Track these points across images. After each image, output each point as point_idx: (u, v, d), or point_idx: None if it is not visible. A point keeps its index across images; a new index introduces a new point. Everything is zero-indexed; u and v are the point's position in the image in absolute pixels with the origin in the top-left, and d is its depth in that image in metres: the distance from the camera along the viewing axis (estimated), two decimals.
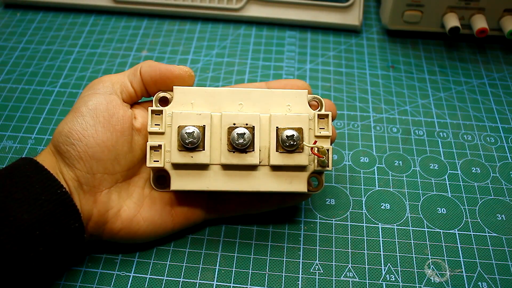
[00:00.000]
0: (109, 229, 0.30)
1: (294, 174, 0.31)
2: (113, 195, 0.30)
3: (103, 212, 0.30)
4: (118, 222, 0.30)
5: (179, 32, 0.53)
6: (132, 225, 0.31)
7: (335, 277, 0.33)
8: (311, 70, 0.49)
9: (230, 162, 0.30)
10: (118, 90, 0.31)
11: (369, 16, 0.55)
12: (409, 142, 0.42)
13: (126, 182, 0.31)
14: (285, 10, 0.53)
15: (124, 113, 0.31)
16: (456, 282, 0.33)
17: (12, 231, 0.26)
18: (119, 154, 0.30)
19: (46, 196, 0.27)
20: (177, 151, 0.30)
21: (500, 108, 0.45)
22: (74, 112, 0.30)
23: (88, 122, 0.29)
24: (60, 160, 0.29)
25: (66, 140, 0.29)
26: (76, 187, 0.29)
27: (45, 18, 0.54)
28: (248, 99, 0.31)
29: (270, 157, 0.30)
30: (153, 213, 0.32)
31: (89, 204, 0.29)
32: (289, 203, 0.35)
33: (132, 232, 0.31)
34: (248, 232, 0.35)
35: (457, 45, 0.52)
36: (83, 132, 0.29)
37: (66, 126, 0.30)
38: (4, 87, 0.46)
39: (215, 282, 0.32)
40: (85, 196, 0.29)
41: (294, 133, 0.30)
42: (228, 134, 0.30)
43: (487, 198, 0.38)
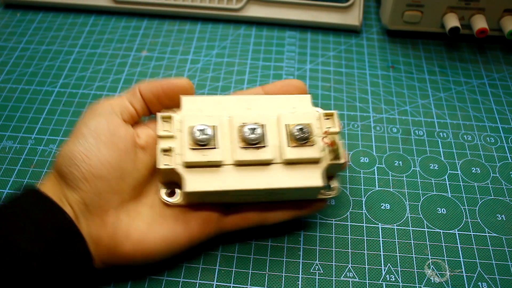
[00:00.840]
0: (121, 252, 0.29)
1: (308, 169, 0.30)
2: (122, 215, 0.29)
3: (112, 233, 0.29)
4: (129, 243, 0.29)
5: (179, 32, 0.53)
6: (145, 244, 0.29)
7: (335, 277, 0.33)
8: (311, 70, 0.49)
9: (244, 158, 0.30)
10: (118, 111, 0.31)
11: (369, 16, 0.55)
12: (409, 142, 0.42)
13: (134, 202, 0.30)
14: (285, 10, 0.53)
15: (126, 131, 0.30)
16: (456, 282, 0.33)
17: (14, 261, 0.25)
18: (124, 173, 0.29)
19: (48, 223, 0.26)
20: (189, 150, 0.29)
21: (500, 108, 0.45)
22: (75, 134, 0.30)
23: (90, 143, 0.29)
24: (63, 184, 0.29)
25: (69, 162, 0.28)
26: (82, 211, 0.28)
27: (45, 18, 0.54)
28: (255, 105, 0.32)
29: (283, 152, 0.30)
30: (165, 230, 0.30)
31: (97, 227, 0.28)
32: (304, 211, 0.33)
33: (146, 252, 0.29)
34: (248, 232, 0.35)
35: (457, 45, 0.52)
36: (86, 153, 0.28)
37: (68, 149, 0.29)
38: (4, 87, 0.46)
39: (215, 282, 0.32)
40: (93, 218, 0.28)
41: (304, 126, 0.30)
42: (239, 132, 0.30)
43: (487, 198, 0.38)
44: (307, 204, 0.33)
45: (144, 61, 0.49)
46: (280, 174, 0.30)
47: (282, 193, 0.31)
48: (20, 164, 0.39)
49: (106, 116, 0.30)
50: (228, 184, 0.29)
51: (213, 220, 0.31)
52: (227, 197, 0.31)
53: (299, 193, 0.31)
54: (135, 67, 0.48)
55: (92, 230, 0.28)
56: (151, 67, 0.48)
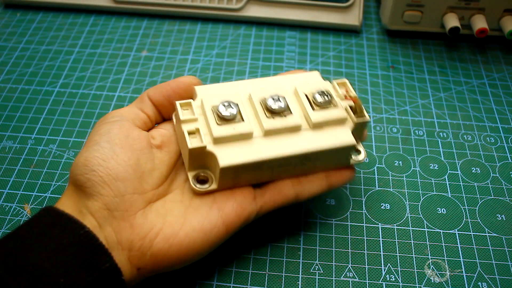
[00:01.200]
0: (157, 252, 0.27)
1: (337, 130, 0.31)
2: (150, 215, 0.28)
3: (144, 234, 0.27)
4: (164, 240, 0.27)
5: (179, 32, 0.53)
6: (180, 238, 0.27)
7: (335, 277, 0.33)
8: (311, 70, 0.49)
9: (273, 126, 0.29)
10: (129, 118, 0.30)
11: (369, 16, 0.55)
12: (409, 142, 0.42)
13: (161, 201, 0.29)
14: (285, 10, 0.53)
15: (139, 132, 0.30)
16: (456, 282, 0.33)
17: (32, 280, 0.23)
18: (144, 172, 0.28)
19: (67, 240, 0.25)
20: (216, 126, 0.29)
21: (500, 108, 0.45)
22: (88, 143, 0.29)
23: (104, 147, 0.28)
24: (82, 195, 0.27)
25: (85, 169, 0.27)
26: (106, 218, 0.27)
27: (45, 18, 0.54)
28: (269, 84, 0.32)
29: (309, 117, 0.30)
30: (199, 219, 0.28)
31: (126, 232, 0.27)
32: (335, 181, 0.32)
33: (184, 246, 0.27)
34: (248, 232, 0.35)
35: (457, 45, 0.52)
36: (102, 157, 0.27)
37: (82, 157, 0.28)
38: (4, 87, 0.46)
39: (215, 282, 0.32)
40: (119, 223, 0.27)
41: (324, 90, 0.31)
42: (262, 105, 0.30)
43: (487, 198, 0.38)
44: (338, 174, 0.33)
45: (144, 61, 0.49)
46: (311, 138, 0.30)
47: (316, 159, 0.30)
48: (20, 164, 0.39)
49: (118, 122, 0.30)
50: (261, 153, 0.29)
51: (248, 201, 0.30)
52: (261, 172, 0.30)
53: (332, 157, 0.31)
54: (135, 67, 0.48)
55: (122, 236, 0.27)
56: (151, 67, 0.48)
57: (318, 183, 0.32)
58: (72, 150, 0.40)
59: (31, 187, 0.38)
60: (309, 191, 0.32)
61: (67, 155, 0.40)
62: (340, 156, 0.31)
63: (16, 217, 0.35)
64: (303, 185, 0.31)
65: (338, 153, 0.31)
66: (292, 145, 0.29)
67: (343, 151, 0.31)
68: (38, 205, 0.36)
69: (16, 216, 0.36)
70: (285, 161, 0.29)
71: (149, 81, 0.47)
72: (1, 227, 0.35)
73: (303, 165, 0.31)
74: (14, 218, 0.35)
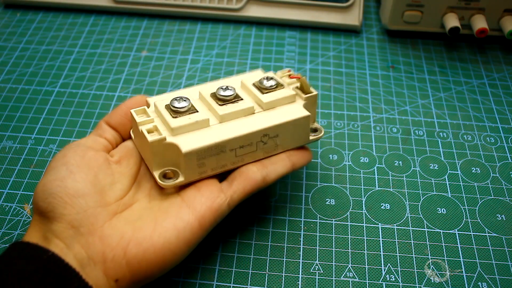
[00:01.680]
0: (132, 259, 0.26)
1: (289, 107, 0.32)
2: (118, 224, 0.28)
3: (115, 244, 0.27)
4: (137, 246, 0.27)
5: (179, 32, 0.53)
6: (154, 241, 0.27)
7: (335, 277, 0.33)
8: (311, 70, 0.49)
9: (227, 111, 0.31)
10: (86, 144, 0.31)
11: (369, 16, 0.55)
12: (409, 142, 0.42)
13: (128, 210, 0.29)
14: (285, 10, 0.53)
15: (96, 152, 0.30)
16: (456, 282, 0.33)
17: None
18: (105, 186, 0.29)
19: (31, 267, 0.24)
20: (172, 119, 0.30)
21: (500, 108, 0.45)
22: (46, 171, 0.29)
23: (60, 170, 0.28)
24: (46, 221, 0.27)
25: (44, 194, 0.27)
26: (72, 236, 0.26)
27: (45, 18, 0.54)
28: (217, 84, 0.34)
29: (260, 100, 0.32)
30: (171, 219, 0.28)
31: (96, 244, 0.26)
32: (296, 160, 0.33)
33: (159, 250, 0.27)
34: (248, 232, 0.35)
35: (457, 45, 0.52)
36: (58, 178, 0.28)
37: (40, 184, 0.28)
38: (4, 87, 0.46)
39: (215, 282, 0.32)
40: (87, 238, 0.26)
41: (269, 76, 0.33)
42: (213, 97, 0.32)
43: (487, 198, 0.38)
44: (299, 153, 0.33)
45: (144, 61, 0.49)
46: (266, 117, 0.32)
47: (274, 136, 0.31)
48: (20, 164, 0.39)
49: (73, 147, 0.30)
50: (221, 136, 0.30)
51: (216, 193, 0.30)
52: (224, 156, 0.30)
53: (290, 133, 0.32)
54: (135, 67, 0.48)
55: (92, 251, 0.26)
56: (151, 67, 0.48)
57: (281, 163, 0.32)
58: None
59: (31, 187, 0.38)
60: (275, 173, 0.32)
61: None
62: (298, 131, 0.33)
63: (16, 217, 0.35)
64: (267, 167, 0.32)
65: (296, 128, 0.32)
66: (248, 124, 0.31)
67: (300, 126, 0.32)
68: None
69: (16, 216, 0.36)
70: (245, 140, 0.30)
71: (149, 81, 0.47)
72: (1, 227, 0.35)
73: (264, 144, 0.31)
74: (14, 218, 0.35)
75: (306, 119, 0.32)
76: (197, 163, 0.29)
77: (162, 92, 0.46)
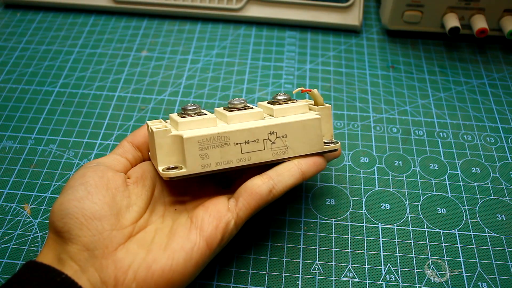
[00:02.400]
0: (142, 283, 0.27)
1: (300, 113, 0.32)
2: (131, 247, 0.28)
3: (127, 267, 0.27)
4: (146, 269, 0.27)
5: (179, 32, 0.53)
6: (163, 264, 0.27)
7: (335, 277, 0.33)
8: (311, 70, 0.49)
9: (235, 114, 0.31)
10: (107, 163, 0.31)
11: (369, 16, 0.55)
12: (409, 142, 0.42)
13: (142, 232, 0.29)
14: (285, 10, 0.53)
15: (114, 173, 0.30)
16: (456, 282, 0.33)
17: None
18: (121, 209, 0.29)
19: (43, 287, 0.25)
20: (180, 118, 0.30)
21: (500, 108, 0.45)
22: (63, 190, 0.29)
23: (78, 189, 0.28)
24: (61, 241, 0.27)
25: (61, 214, 0.27)
26: (86, 259, 0.26)
27: (45, 18, 0.54)
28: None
29: (272, 108, 0.32)
30: (180, 240, 0.28)
31: (109, 268, 0.26)
32: (306, 168, 0.31)
33: (167, 271, 0.27)
34: (248, 232, 0.35)
35: (457, 45, 0.52)
36: (76, 198, 0.28)
37: (57, 203, 0.28)
38: (4, 87, 0.46)
39: (215, 282, 0.32)
40: (101, 261, 0.26)
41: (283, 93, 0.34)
42: (225, 108, 0.32)
43: (487, 198, 0.38)
44: (309, 160, 0.31)
45: (144, 61, 0.49)
46: (276, 119, 0.31)
47: (283, 136, 0.30)
48: (20, 164, 0.39)
49: (93, 166, 0.30)
50: (225, 127, 0.29)
51: (223, 212, 0.29)
52: (229, 150, 0.29)
53: (301, 137, 0.31)
54: (135, 67, 0.48)
55: (105, 275, 0.26)
56: (151, 67, 0.48)
57: (289, 173, 0.30)
58: (72, 150, 0.40)
59: (31, 187, 0.38)
60: (282, 184, 0.30)
61: (67, 155, 0.40)
62: (308, 135, 0.31)
63: (16, 217, 0.35)
64: (273, 179, 0.30)
65: (306, 131, 0.31)
66: (256, 123, 0.30)
67: (310, 129, 0.31)
68: (38, 205, 0.36)
69: (16, 216, 0.36)
70: (250, 135, 0.29)
71: (149, 81, 0.47)
72: (1, 227, 0.35)
73: (272, 143, 0.30)
74: (14, 218, 0.35)
75: (317, 122, 0.31)
76: (199, 153, 0.29)
77: (162, 92, 0.46)
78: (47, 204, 0.37)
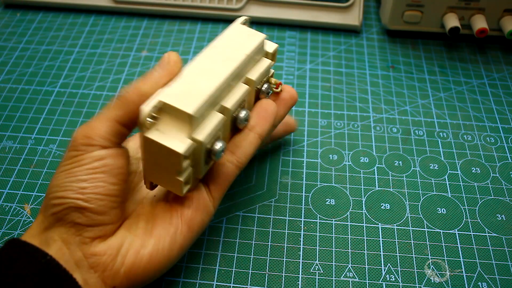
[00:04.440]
0: (130, 268, 0.27)
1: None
2: (120, 232, 0.28)
3: (115, 254, 0.27)
4: (135, 254, 0.27)
5: (179, 32, 0.53)
6: (150, 249, 0.28)
7: (335, 277, 0.33)
8: (311, 70, 0.49)
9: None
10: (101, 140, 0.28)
11: (369, 16, 0.55)
12: (409, 142, 0.42)
13: (130, 218, 0.29)
14: (285, 10, 0.53)
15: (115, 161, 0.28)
16: (456, 282, 0.33)
17: None
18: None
19: (29, 270, 0.25)
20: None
21: (500, 108, 0.45)
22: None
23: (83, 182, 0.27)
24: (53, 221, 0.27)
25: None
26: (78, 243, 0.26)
27: (45, 18, 0.54)
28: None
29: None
30: (164, 226, 0.28)
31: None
32: (261, 130, 0.31)
33: (154, 256, 0.28)
34: (248, 232, 0.35)
35: (457, 45, 0.52)
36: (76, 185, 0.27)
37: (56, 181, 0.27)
38: (4, 87, 0.46)
39: (215, 282, 0.32)
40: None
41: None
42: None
43: (487, 198, 0.38)
44: (260, 120, 0.31)
45: (144, 61, 0.49)
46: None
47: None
48: (20, 164, 0.39)
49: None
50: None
51: (203, 195, 0.30)
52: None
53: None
54: (135, 67, 0.48)
55: (93, 260, 0.26)
56: (151, 67, 0.48)
57: (247, 142, 0.31)
58: None
59: (31, 187, 0.38)
60: (244, 154, 0.30)
61: None
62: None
63: (16, 217, 0.35)
64: (236, 153, 0.30)
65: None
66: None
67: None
68: (38, 205, 0.36)
69: (16, 216, 0.36)
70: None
71: None
72: (1, 227, 0.35)
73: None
74: (14, 218, 0.35)
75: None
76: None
77: None
78: None
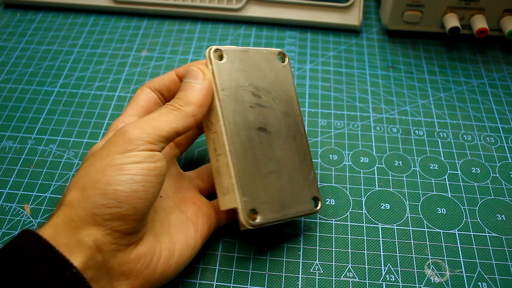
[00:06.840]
0: (159, 276, 0.28)
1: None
2: (150, 240, 0.28)
3: (148, 262, 0.27)
4: (165, 263, 0.28)
5: (179, 32, 0.53)
6: (177, 258, 0.29)
7: (335, 277, 0.33)
8: (311, 70, 0.49)
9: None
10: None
11: (369, 16, 0.55)
12: (409, 142, 0.42)
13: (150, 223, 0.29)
14: (285, 10, 0.53)
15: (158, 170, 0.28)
16: (456, 282, 0.33)
17: None
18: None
19: (51, 282, 0.22)
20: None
21: (500, 108, 0.45)
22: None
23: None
24: (86, 218, 0.25)
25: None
26: (113, 251, 0.26)
27: (45, 18, 0.54)
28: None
29: None
30: (184, 237, 0.30)
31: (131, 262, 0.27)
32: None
33: (179, 264, 0.29)
34: (248, 232, 0.35)
35: (457, 45, 0.52)
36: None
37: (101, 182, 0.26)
38: (4, 87, 0.46)
39: (215, 282, 0.32)
40: (124, 255, 0.27)
41: None
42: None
43: (487, 198, 0.38)
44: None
45: (144, 61, 0.49)
46: None
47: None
48: (20, 164, 0.39)
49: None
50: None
51: (213, 215, 0.33)
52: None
53: None
54: (135, 67, 0.48)
55: (126, 268, 0.27)
56: (151, 67, 0.48)
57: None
58: (72, 150, 0.40)
59: (31, 187, 0.38)
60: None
61: (67, 155, 0.40)
62: None
63: (16, 217, 0.35)
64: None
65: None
66: None
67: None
68: (38, 205, 0.36)
69: (16, 216, 0.36)
70: None
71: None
72: (1, 227, 0.35)
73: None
74: (14, 218, 0.35)
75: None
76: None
77: None
78: (47, 204, 0.37)
